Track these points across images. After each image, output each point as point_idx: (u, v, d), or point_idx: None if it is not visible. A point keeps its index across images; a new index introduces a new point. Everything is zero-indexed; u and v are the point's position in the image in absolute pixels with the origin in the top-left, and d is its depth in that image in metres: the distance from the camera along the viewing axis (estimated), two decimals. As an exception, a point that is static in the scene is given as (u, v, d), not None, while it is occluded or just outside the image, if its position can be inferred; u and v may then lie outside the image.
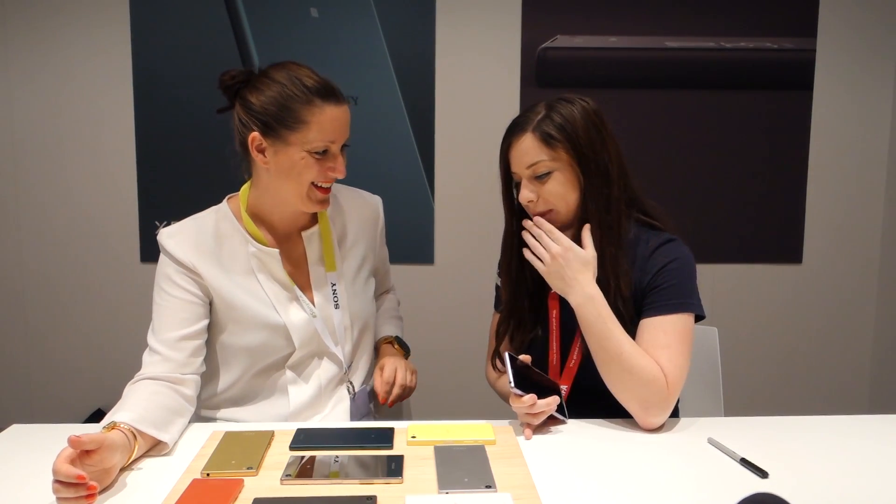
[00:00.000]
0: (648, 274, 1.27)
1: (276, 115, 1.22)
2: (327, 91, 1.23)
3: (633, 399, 1.21)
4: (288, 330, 1.32)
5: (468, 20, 2.58)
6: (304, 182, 1.26)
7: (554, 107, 1.27)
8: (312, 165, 1.25)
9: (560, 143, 1.24)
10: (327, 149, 1.25)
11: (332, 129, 1.24)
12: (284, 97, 1.22)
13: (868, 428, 1.23)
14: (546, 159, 1.25)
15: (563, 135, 1.24)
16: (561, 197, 1.27)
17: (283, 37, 2.54)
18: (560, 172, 1.26)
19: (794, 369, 2.78)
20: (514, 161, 1.30)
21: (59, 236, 2.65)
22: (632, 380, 1.19)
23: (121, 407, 1.12)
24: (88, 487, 0.91)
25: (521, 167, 1.28)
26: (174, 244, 1.29)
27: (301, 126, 1.22)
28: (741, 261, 2.72)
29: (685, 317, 1.25)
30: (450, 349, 2.66)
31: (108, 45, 2.56)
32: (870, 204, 2.72)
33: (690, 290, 1.27)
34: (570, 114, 1.25)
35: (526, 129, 1.27)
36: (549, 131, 1.25)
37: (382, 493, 0.97)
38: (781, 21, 2.61)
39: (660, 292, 1.25)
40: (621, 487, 1.00)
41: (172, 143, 2.59)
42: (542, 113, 1.27)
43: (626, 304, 1.26)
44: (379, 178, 2.60)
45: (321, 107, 1.22)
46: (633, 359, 1.20)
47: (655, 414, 1.20)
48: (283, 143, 1.24)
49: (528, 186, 1.28)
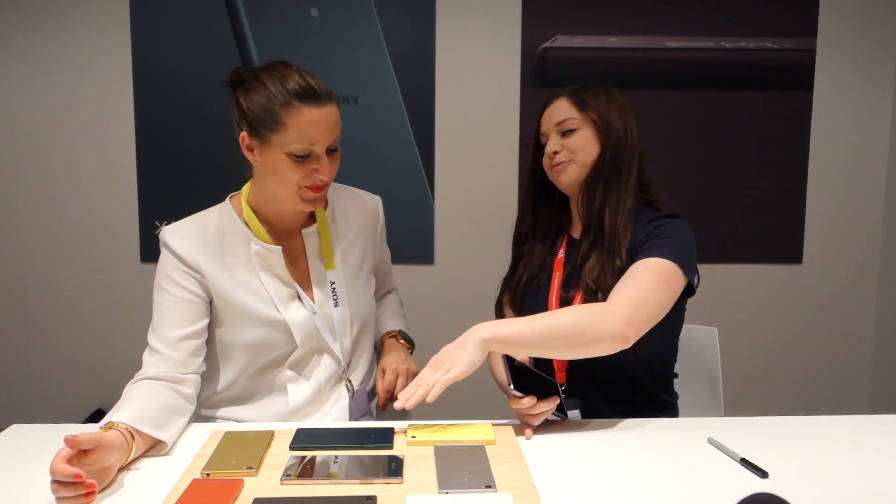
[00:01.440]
0: (644, 232, 1.33)
1: (259, 117, 1.22)
2: (307, 93, 1.21)
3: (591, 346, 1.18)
4: (288, 326, 1.32)
5: (468, 20, 2.58)
6: (289, 183, 1.26)
7: (591, 84, 1.44)
8: (294, 168, 1.24)
9: (589, 107, 1.39)
10: (309, 152, 1.23)
11: (311, 132, 1.22)
12: (266, 98, 1.22)
13: (868, 428, 1.23)
14: (575, 117, 1.39)
15: (594, 102, 1.40)
16: (582, 149, 1.39)
17: (283, 37, 2.54)
18: (586, 129, 1.39)
19: (794, 369, 2.78)
20: (545, 120, 1.44)
21: (60, 236, 2.65)
22: (574, 337, 1.17)
23: (120, 407, 1.12)
24: (87, 486, 0.91)
25: (551, 125, 1.42)
26: (176, 241, 1.29)
27: (279, 128, 1.22)
28: (741, 261, 2.72)
29: (668, 263, 1.25)
30: (450, 349, 2.65)
31: (109, 46, 2.56)
32: (870, 204, 2.72)
33: (681, 247, 1.29)
34: (604, 91, 1.42)
35: (562, 95, 1.43)
36: (582, 97, 1.41)
37: (382, 493, 0.97)
38: (781, 21, 2.61)
39: (652, 241, 1.30)
40: (621, 487, 1.00)
41: (172, 143, 2.59)
42: (579, 86, 1.43)
43: (622, 265, 1.30)
44: (379, 178, 2.60)
45: (299, 109, 1.21)
46: (562, 323, 1.17)
47: (608, 334, 1.17)
48: (266, 144, 1.24)
49: (555, 140, 1.41)
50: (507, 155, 2.62)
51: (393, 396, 1.38)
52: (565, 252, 1.45)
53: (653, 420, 1.27)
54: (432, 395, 1.13)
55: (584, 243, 1.38)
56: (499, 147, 2.63)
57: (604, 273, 1.32)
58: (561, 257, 1.45)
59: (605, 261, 1.33)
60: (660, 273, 1.24)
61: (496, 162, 2.63)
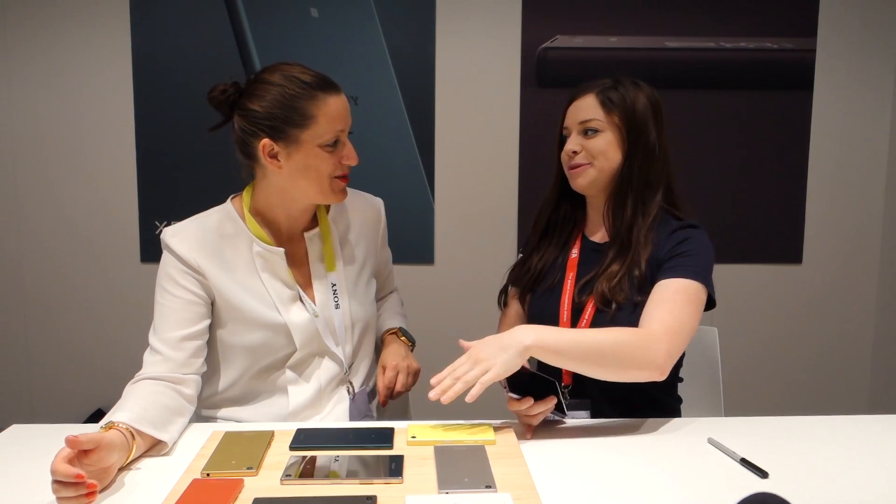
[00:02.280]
0: (668, 246, 1.31)
1: (283, 117, 1.23)
2: (325, 83, 1.25)
3: (629, 372, 1.17)
4: (289, 329, 1.32)
5: (468, 20, 2.58)
6: (323, 177, 1.28)
7: (622, 82, 1.36)
8: (327, 158, 1.26)
9: (617, 109, 1.33)
10: (337, 139, 1.27)
11: (338, 117, 1.26)
12: (287, 97, 1.22)
13: (868, 428, 1.23)
14: (600, 119, 1.33)
15: (623, 103, 1.33)
16: (602, 153, 1.33)
17: (283, 37, 2.54)
18: (609, 133, 1.33)
19: (794, 369, 2.78)
20: (570, 116, 1.38)
21: (59, 236, 2.65)
22: (615, 360, 1.16)
23: (120, 407, 1.12)
24: (88, 486, 0.91)
25: (575, 121, 1.36)
26: (178, 242, 1.29)
27: (310, 122, 1.23)
28: (741, 261, 2.72)
29: (696, 284, 1.26)
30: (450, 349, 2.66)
31: (109, 45, 2.56)
32: (870, 204, 2.72)
33: (706, 267, 1.29)
34: (635, 91, 1.34)
35: (590, 91, 1.36)
36: (610, 96, 1.33)
37: (382, 493, 0.97)
38: (781, 21, 2.61)
39: (677, 259, 1.28)
40: (621, 487, 1.00)
41: (172, 143, 2.59)
42: (609, 83, 1.36)
43: (641, 275, 1.30)
44: (379, 178, 2.60)
45: (324, 99, 1.24)
46: (605, 343, 1.16)
47: (648, 365, 1.17)
48: (295, 142, 1.24)
49: (576, 139, 1.36)
50: (507, 155, 2.62)
51: (395, 394, 1.38)
52: (579, 252, 1.43)
53: (653, 420, 1.27)
54: (472, 395, 1.08)
55: (610, 252, 1.35)
56: (499, 147, 2.62)
57: (621, 285, 1.30)
58: (574, 257, 1.42)
59: (626, 272, 1.31)
60: (690, 296, 1.24)
61: (496, 162, 2.63)
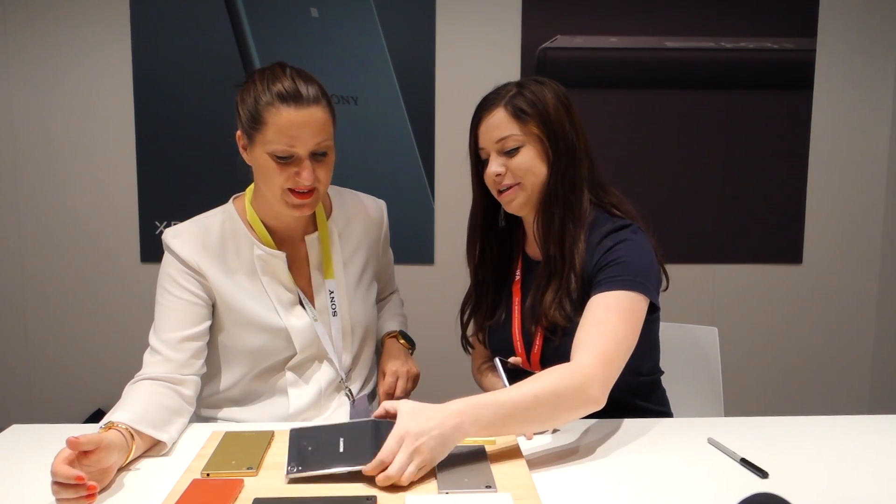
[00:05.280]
0: (595, 257, 1.24)
1: (248, 114, 1.24)
2: (289, 95, 1.21)
3: (569, 415, 1.11)
4: (289, 333, 1.32)
5: (468, 20, 2.58)
6: (274, 185, 1.25)
7: (525, 85, 1.28)
8: (276, 169, 1.23)
9: (531, 118, 1.25)
10: (291, 154, 1.23)
11: (289, 133, 1.21)
12: (253, 98, 1.23)
13: (868, 428, 1.23)
14: (517, 133, 1.25)
15: (535, 110, 1.25)
16: (529, 170, 1.26)
17: (283, 37, 2.54)
18: (530, 146, 1.26)
19: (794, 369, 2.78)
20: (483, 136, 1.29)
21: (59, 236, 2.65)
22: (553, 409, 1.08)
23: (120, 407, 1.12)
24: (88, 487, 0.91)
25: (491, 142, 1.27)
26: (179, 244, 1.29)
27: (261, 126, 1.22)
28: (741, 261, 2.72)
29: (631, 294, 1.18)
30: (450, 349, 2.65)
31: (109, 45, 2.56)
32: (870, 204, 2.72)
33: (639, 271, 1.21)
34: (541, 92, 1.27)
35: (497, 105, 1.27)
36: (520, 106, 1.25)
37: (382, 493, 0.97)
38: (781, 21, 2.61)
39: (606, 270, 1.21)
40: (621, 487, 1.00)
41: (172, 143, 2.59)
42: (514, 90, 1.27)
43: (579, 284, 1.24)
44: (379, 179, 2.60)
45: (278, 108, 1.20)
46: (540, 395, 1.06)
47: (585, 403, 1.09)
48: (252, 143, 1.25)
49: (497, 160, 1.27)
50: (507, 155, 2.62)
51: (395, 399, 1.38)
52: (521, 273, 1.38)
53: (653, 420, 1.27)
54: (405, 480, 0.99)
55: (543, 272, 1.30)
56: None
57: (562, 308, 1.25)
58: (518, 279, 1.38)
59: (562, 291, 1.25)
60: (622, 312, 1.17)
61: (496, 162, 2.62)
